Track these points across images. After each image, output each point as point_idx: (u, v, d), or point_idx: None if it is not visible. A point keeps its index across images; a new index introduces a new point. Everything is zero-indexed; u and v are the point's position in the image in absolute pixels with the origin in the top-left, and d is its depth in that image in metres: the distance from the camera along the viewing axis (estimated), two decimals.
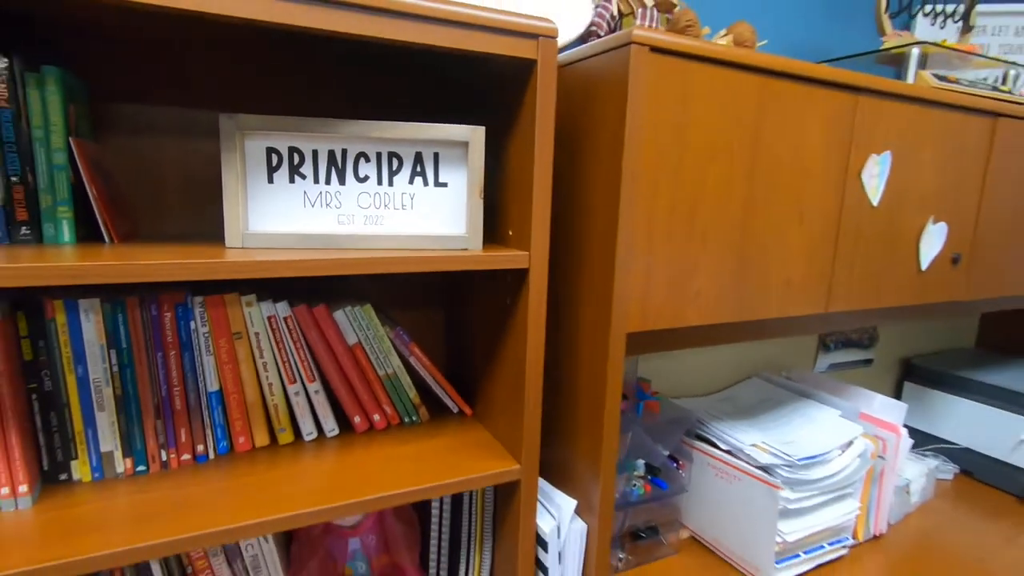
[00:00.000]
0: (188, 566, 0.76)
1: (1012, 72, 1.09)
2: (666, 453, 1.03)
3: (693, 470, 1.08)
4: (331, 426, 0.80)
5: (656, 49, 0.67)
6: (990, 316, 1.75)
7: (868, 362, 1.53)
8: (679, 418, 1.05)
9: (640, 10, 1.01)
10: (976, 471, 1.40)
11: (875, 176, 0.89)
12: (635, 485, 1.01)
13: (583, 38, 1.00)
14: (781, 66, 0.76)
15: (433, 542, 0.85)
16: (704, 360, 1.28)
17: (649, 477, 1.03)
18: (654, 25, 1.01)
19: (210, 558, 0.77)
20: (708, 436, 1.07)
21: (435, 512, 0.83)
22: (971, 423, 1.40)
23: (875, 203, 0.90)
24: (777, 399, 1.21)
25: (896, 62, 1.06)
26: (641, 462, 1.02)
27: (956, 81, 0.98)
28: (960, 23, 1.11)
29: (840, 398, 1.18)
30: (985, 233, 1.07)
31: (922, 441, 1.48)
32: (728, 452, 1.02)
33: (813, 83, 0.80)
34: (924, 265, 0.99)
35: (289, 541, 0.90)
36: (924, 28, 1.27)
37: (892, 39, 1.04)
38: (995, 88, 1.03)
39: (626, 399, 1.03)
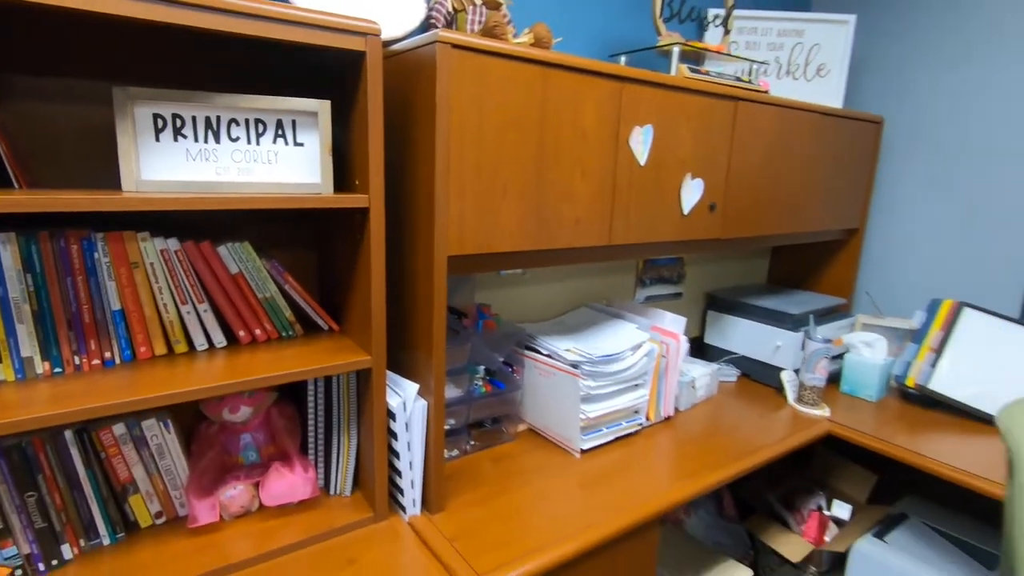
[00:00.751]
0: (102, 452, 0.95)
1: (754, 67, 1.45)
2: (501, 359, 1.32)
3: (525, 375, 1.39)
4: (219, 338, 1.01)
5: (457, 46, 0.91)
6: (777, 256, 2.22)
7: (678, 295, 1.92)
8: (511, 333, 1.35)
9: (471, 7, 1.25)
10: (751, 373, 1.84)
11: (640, 143, 1.20)
12: (477, 384, 1.30)
13: (424, 28, 1.23)
14: (558, 60, 1.04)
15: (311, 427, 1.09)
16: (543, 293, 1.59)
17: (489, 378, 1.32)
18: (481, 20, 1.26)
19: (120, 445, 0.96)
20: (534, 347, 1.38)
21: (311, 401, 1.07)
22: (748, 337, 1.83)
23: (642, 163, 1.22)
24: (595, 320, 1.54)
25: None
26: (482, 367, 1.31)
27: (707, 73, 1.32)
28: (721, 27, 1.46)
29: (643, 317, 1.53)
30: (735, 188, 1.44)
31: (717, 354, 1.90)
32: (548, 356, 1.34)
33: (586, 73, 1.09)
34: (686, 210, 1.34)
35: (190, 442, 1.10)
36: (706, 31, 1.63)
37: (665, 38, 1.36)
38: (738, 79, 1.39)
39: (468, 318, 1.31)
